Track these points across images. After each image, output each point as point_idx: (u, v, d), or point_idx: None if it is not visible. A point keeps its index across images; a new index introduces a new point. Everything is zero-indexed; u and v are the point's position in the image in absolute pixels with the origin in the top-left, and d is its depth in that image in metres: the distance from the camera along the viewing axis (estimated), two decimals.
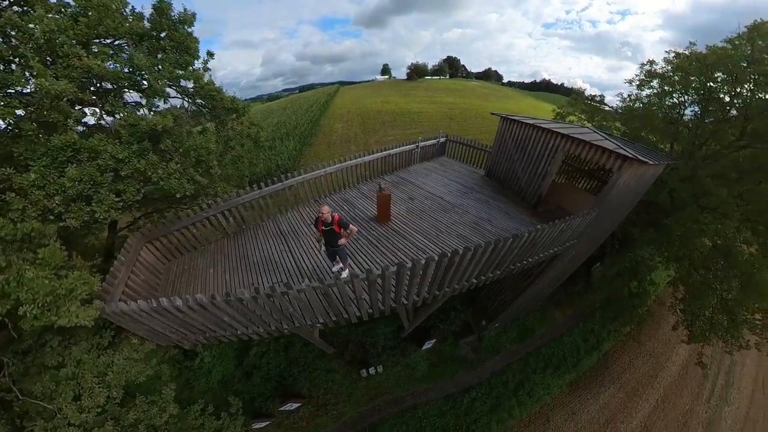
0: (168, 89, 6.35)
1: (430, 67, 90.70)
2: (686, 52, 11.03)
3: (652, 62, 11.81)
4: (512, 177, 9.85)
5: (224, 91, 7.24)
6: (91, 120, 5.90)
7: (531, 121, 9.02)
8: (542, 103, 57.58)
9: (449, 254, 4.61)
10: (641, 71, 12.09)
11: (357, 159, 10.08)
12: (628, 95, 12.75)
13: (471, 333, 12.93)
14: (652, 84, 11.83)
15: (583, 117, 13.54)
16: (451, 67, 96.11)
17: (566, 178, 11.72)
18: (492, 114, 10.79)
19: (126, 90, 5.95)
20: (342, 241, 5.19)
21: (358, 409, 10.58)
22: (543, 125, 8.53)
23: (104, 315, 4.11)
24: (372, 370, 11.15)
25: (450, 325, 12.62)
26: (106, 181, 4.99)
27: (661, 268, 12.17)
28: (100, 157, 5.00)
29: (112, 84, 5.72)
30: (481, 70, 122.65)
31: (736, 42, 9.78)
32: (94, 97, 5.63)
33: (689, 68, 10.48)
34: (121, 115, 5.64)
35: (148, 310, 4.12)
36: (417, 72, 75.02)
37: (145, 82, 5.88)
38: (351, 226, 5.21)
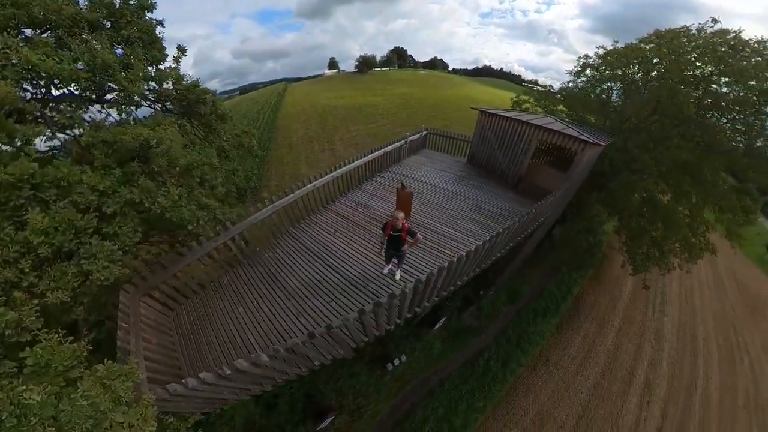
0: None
1: (378, 58, 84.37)
2: (611, 48, 12.49)
3: (586, 56, 13.18)
4: (494, 163, 10.53)
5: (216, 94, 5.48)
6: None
7: (508, 114, 9.69)
8: (488, 87, 59.72)
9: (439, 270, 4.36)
10: (578, 63, 13.40)
11: (359, 160, 9.04)
12: (568, 82, 13.85)
13: (471, 304, 13.17)
14: (586, 73, 13.19)
15: (535, 103, 14.33)
16: (400, 57, 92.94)
17: (538, 160, 12.49)
18: (472, 108, 11.20)
19: (90, 95, 3.99)
20: (405, 247, 5.04)
21: (389, 403, 9.99)
22: (519, 118, 9.29)
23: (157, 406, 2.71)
24: (396, 362, 10.61)
25: (455, 302, 12.64)
26: (91, 225, 3.28)
27: (608, 221, 13.68)
28: (74, 192, 3.24)
29: (65, 87, 3.76)
30: (427, 59, 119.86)
31: (646, 43, 11.59)
32: (43, 109, 3.65)
33: (614, 62, 11.94)
34: (81, 130, 3.82)
35: (214, 381, 2.85)
36: (367, 64, 69.34)
37: (112, 85, 4.03)
38: (418, 234, 5.05)
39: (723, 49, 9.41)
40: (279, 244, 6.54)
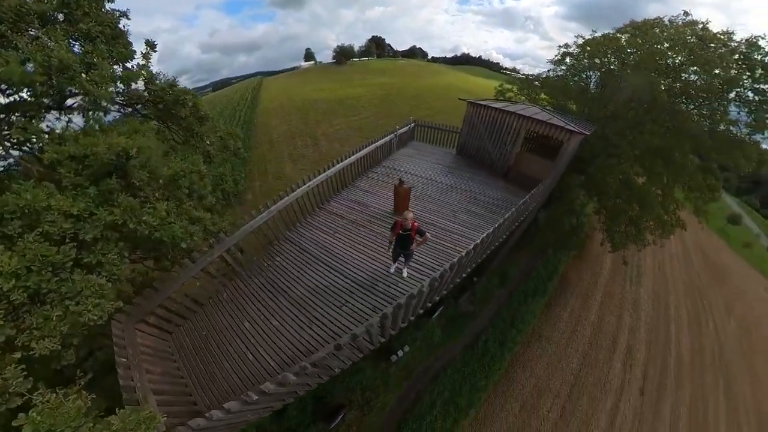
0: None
1: (356, 48, 79.17)
2: (590, 38, 12.63)
3: (566, 45, 13.31)
4: (483, 153, 10.51)
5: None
6: None
7: (497, 105, 9.64)
8: (468, 75, 58.16)
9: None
10: (559, 51, 13.50)
11: (351, 157, 8.60)
12: (548, 71, 13.93)
13: (465, 291, 13.37)
14: (565, 61, 13.34)
15: (518, 92, 14.36)
16: (378, 46, 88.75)
17: (524, 149, 12.63)
18: (460, 99, 11.12)
19: (47, 102, 3.35)
20: (414, 246, 4.99)
21: (397, 393, 10.07)
22: (507, 109, 9.30)
23: None
24: (400, 353, 10.64)
25: (451, 291, 12.77)
26: (70, 257, 2.75)
27: (588, 203, 14.17)
28: (43, 222, 2.71)
29: (16, 94, 3.12)
30: (406, 48, 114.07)
31: (622, 33, 11.85)
32: None
33: (593, 51, 12.12)
34: (41, 144, 3.22)
35: (240, 409, 2.57)
36: (344, 54, 65.79)
37: (73, 89, 3.40)
38: (427, 234, 5.00)
39: (692, 40, 9.71)
40: (277, 251, 6.14)
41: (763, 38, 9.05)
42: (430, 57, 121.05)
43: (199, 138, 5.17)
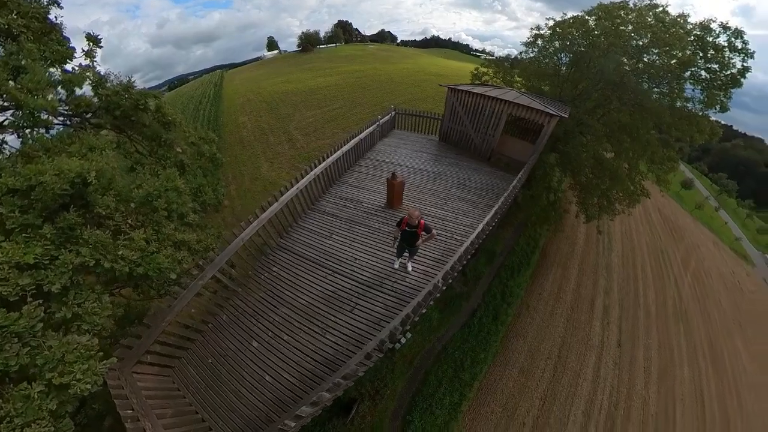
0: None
1: (322, 35, 73.56)
2: (560, 20, 12.68)
3: (538, 27, 13.23)
4: (466, 138, 10.41)
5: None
6: None
7: (477, 90, 9.47)
8: (439, 58, 56.38)
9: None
10: (531, 34, 13.49)
11: (336, 152, 8.06)
12: (521, 53, 13.93)
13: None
14: (537, 43, 13.33)
15: (493, 75, 14.25)
16: (345, 32, 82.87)
17: (505, 132, 12.73)
18: (440, 85, 10.67)
19: None
20: (419, 242, 4.86)
21: (404, 377, 10.22)
22: (488, 94, 9.17)
23: None
24: (402, 340, 10.72)
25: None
26: (38, 318, 2.13)
27: (564, 180, 14.72)
28: None
29: None
30: (374, 32, 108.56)
31: (590, 15, 11.94)
32: None
33: (563, 33, 12.19)
34: None
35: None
36: (310, 42, 61.21)
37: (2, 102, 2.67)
38: (433, 231, 4.81)
39: (653, 22, 9.99)
40: (273, 261, 5.68)
41: (714, 21, 9.61)
42: (399, 41, 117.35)
43: (167, 147, 4.45)
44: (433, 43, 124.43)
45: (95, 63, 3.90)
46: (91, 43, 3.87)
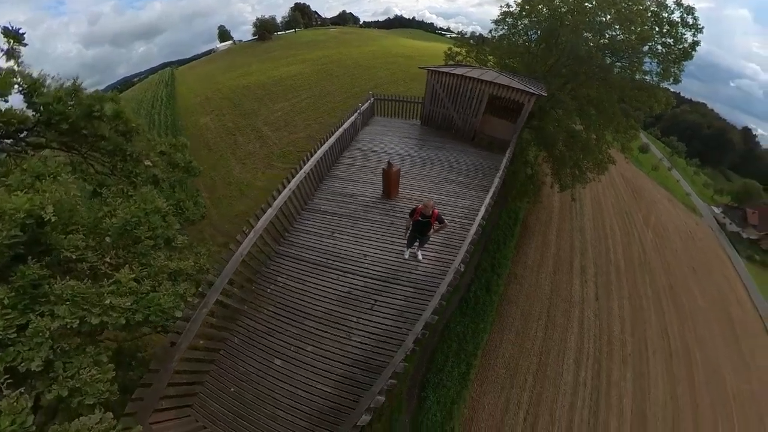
0: None
1: (279, 20, 65.63)
2: None
3: (507, 5, 12.97)
4: (448, 120, 10.18)
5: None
6: None
7: (458, 72, 9.20)
8: (406, 39, 53.58)
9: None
10: (500, 11, 13.20)
11: (322, 147, 7.40)
12: (490, 31, 13.74)
13: None
14: (507, 21, 13.11)
15: (466, 54, 13.93)
16: (304, 15, 75.66)
17: (486, 112, 12.62)
18: (420, 68, 10.45)
19: None
20: (431, 232, 4.86)
21: (413, 359, 10.36)
22: (469, 75, 8.95)
23: None
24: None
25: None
26: (24, 409, 1.53)
27: (539, 153, 15.18)
28: None
29: None
30: (335, 14, 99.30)
31: None
32: None
33: (531, 10, 12.08)
34: None
35: None
36: (267, 29, 54.82)
37: None
38: (446, 221, 4.77)
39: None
40: (277, 271, 5.18)
41: None
42: (362, 22, 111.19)
43: (135, 161, 3.66)
44: (397, 23, 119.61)
45: (22, 64, 2.99)
46: (11, 41, 2.94)
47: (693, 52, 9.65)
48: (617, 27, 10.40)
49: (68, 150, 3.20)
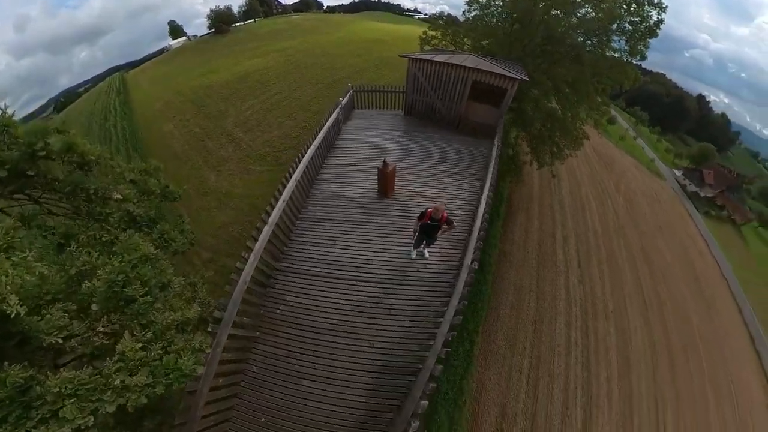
0: None
1: (236, 10, 59.30)
2: None
3: None
4: (432, 109, 9.87)
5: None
6: None
7: (439, 59, 8.82)
8: (374, 23, 49.94)
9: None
10: None
11: (309, 152, 6.88)
12: (463, 12, 13.31)
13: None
14: (480, 1, 12.73)
15: (441, 38, 13.48)
16: (263, 3, 68.73)
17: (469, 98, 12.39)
18: (400, 56, 9.75)
19: None
20: (439, 233, 4.90)
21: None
22: (451, 61, 8.64)
23: None
24: None
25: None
26: None
27: (519, 133, 15.38)
28: None
29: None
30: (296, 0, 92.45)
31: None
32: None
33: None
34: None
35: None
36: (224, 20, 49.70)
37: None
38: (454, 222, 4.79)
39: None
40: (283, 290, 4.87)
41: None
42: (326, 7, 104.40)
43: (101, 198, 3.11)
44: (363, 6, 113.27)
45: None
46: None
47: (658, 30, 9.94)
48: (588, 6, 10.42)
49: (10, 196, 2.60)
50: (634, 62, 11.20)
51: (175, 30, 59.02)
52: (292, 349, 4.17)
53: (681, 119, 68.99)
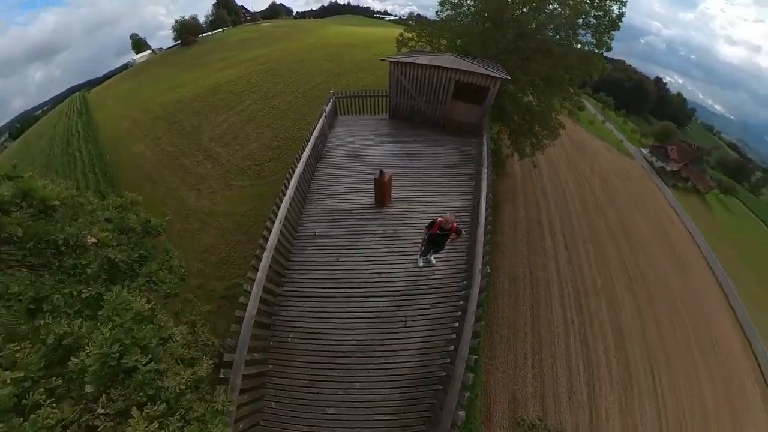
0: None
1: (202, 20, 56.56)
2: None
3: None
4: (416, 111, 9.87)
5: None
6: None
7: (421, 61, 8.78)
8: (345, 27, 48.72)
9: None
10: None
11: (299, 166, 6.55)
12: (436, 12, 13.25)
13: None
14: (452, 1, 12.78)
15: (418, 39, 13.44)
16: (230, 12, 63.91)
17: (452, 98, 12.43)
18: (382, 60, 9.60)
19: None
20: (447, 241, 4.86)
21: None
22: (433, 63, 8.64)
23: None
24: None
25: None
26: None
27: (499, 128, 15.68)
28: None
29: None
30: (264, 7, 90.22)
31: None
32: None
33: None
34: None
35: None
36: (190, 31, 47.22)
37: None
38: (463, 231, 4.89)
39: None
40: (291, 316, 4.57)
41: None
42: (295, 13, 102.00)
43: (73, 248, 2.69)
44: (333, 11, 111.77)
45: None
46: None
47: (620, 23, 10.43)
48: (555, 2, 10.85)
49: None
50: (600, 53, 11.70)
51: (138, 43, 55.55)
52: (311, 378, 3.93)
53: (642, 101, 73.97)
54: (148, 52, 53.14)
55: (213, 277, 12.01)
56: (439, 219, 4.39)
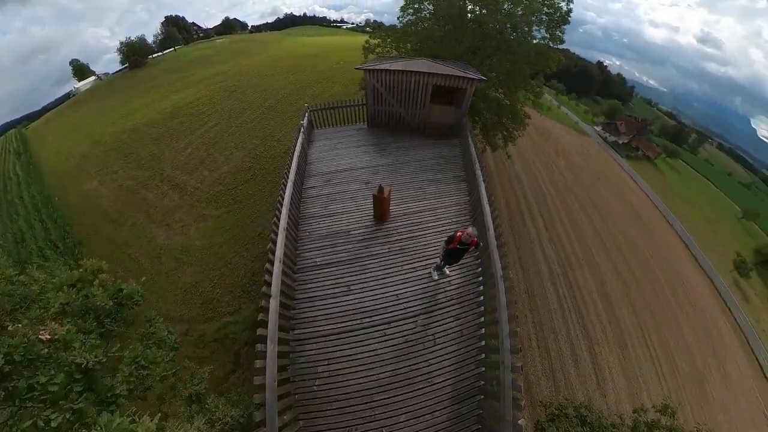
0: None
1: (151, 40, 52.09)
2: None
3: None
4: (396, 118, 9.70)
5: None
6: None
7: (396, 68, 8.61)
8: (303, 38, 47.45)
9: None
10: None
11: (287, 191, 5.99)
12: (398, 17, 13.21)
13: None
14: (414, 6, 12.75)
15: (383, 45, 13.29)
16: (181, 30, 59.28)
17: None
18: (356, 69, 9.35)
19: None
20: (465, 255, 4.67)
21: None
22: (408, 69, 8.49)
23: None
24: None
25: None
26: None
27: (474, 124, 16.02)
28: None
29: None
30: (218, 23, 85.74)
31: None
32: None
33: None
34: None
35: None
36: (139, 53, 43.10)
37: None
38: (481, 244, 4.66)
39: None
40: (310, 363, 4.09)
41: None
42: (251, 27, 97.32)
43: (20, 365, 1.98)
44: (289, 23, 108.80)
45: None
46: None
47: (569, 17, 11.09)
48: (508, 2, 11.26)
49: None
50: (554, 47, 12.37)
51: (80, 69, 49.35)
52: (348, 423, 3.53)
53: (589, 84, 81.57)
54: (93, 78, 47.66)
55: (199, 320, 10.84)
56: (458, 233, 4.20)
